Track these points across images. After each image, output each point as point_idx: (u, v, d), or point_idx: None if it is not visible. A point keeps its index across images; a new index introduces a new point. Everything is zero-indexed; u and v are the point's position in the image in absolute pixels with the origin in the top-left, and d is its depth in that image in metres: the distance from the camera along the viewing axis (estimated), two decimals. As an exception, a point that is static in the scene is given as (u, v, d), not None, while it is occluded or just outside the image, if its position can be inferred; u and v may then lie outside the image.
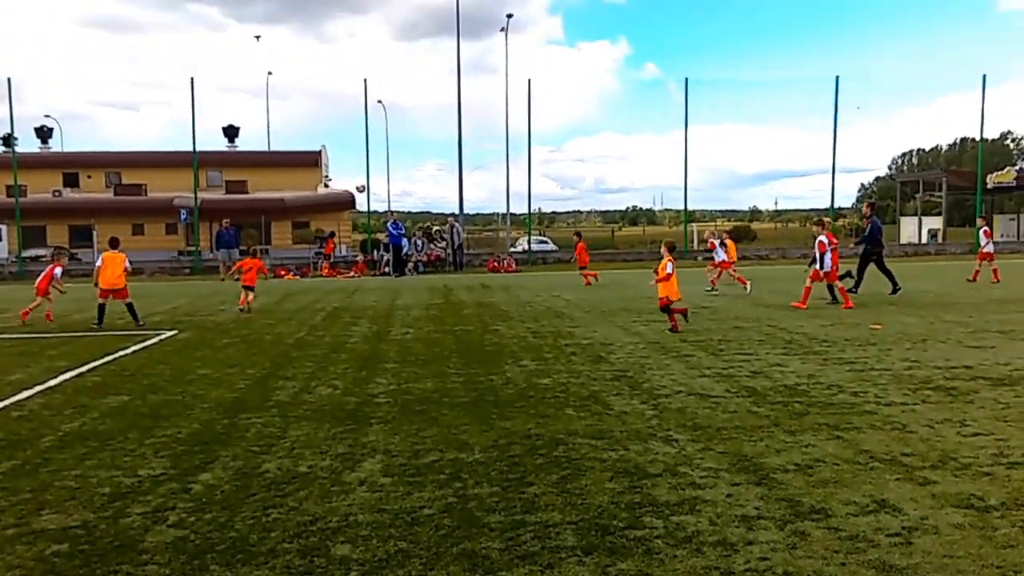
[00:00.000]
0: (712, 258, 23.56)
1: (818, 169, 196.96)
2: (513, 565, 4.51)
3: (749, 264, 35.34)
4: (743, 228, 66.46)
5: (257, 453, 6.86)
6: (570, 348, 12.30)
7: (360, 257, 37.41)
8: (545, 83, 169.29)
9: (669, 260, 14.14)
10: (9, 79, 38.40)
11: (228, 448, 7.03)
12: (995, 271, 23.50)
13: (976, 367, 10.23)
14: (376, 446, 7.04)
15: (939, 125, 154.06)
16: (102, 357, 12.27)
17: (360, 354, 12.12)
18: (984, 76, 41.84)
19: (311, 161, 62.89)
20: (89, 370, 11.20)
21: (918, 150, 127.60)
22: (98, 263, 16.64)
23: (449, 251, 36.34)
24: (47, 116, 72.05)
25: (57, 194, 57.74)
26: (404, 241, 34.89)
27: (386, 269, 34.55)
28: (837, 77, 40.73)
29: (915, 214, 64.79)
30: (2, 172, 58.59)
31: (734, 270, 23.06)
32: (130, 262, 17.14)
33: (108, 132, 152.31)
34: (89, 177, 63.45)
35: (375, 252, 37.26)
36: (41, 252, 52.39)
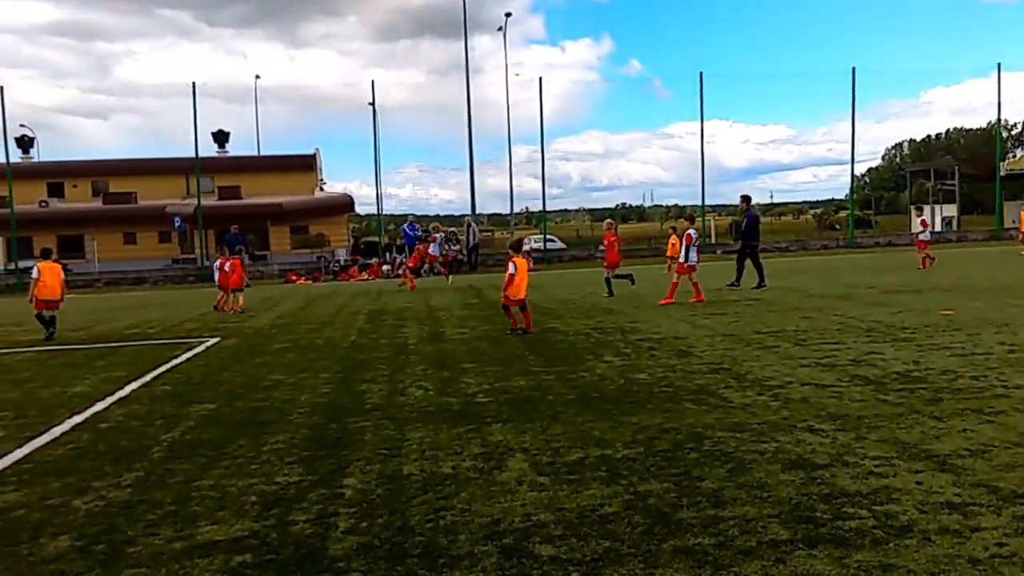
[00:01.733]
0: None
1: (806, 162, 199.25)
2: (739, 561, 4.39)
3: (769, 256, 35.31)
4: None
5: (388, 456, 6.72)
6: (645, 343, 12.18)
7: (374, 260, 37.19)
8: (529, 82, 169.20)
9: (513, 260, 13.70)
10: (1, 87, 37.95)
11: (354, 452, 6.89)
12: (930, 256, 25.83)
13: (1083, 349, 10.15)
14: (510, 445, 6.90)
15: (926, 116, 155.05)
16: (157, 366, 12.10)
17: (429, 356, 11.98)
18: (999, 64, 42.22)
19: (306, 164, 62.64)
20: (153, 379, 11.01)
21: (909, 141, 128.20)
22: (34, 275, 16.34)
23: (464, 251, 36.19)
24: (22, 126, 71.32)
25: (44, 204, 57.26)
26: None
27: (400, 271, 34.38)
28: (854, 68, 40.94)
29: (927, 202, 64.89)
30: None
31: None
32: (126, 271, 17.17)
33: (73, 141, 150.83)
34: (75, 186, 63.02)
35: (387, 255, 37.07)
36: (30, 263, 52.00)
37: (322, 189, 65.65)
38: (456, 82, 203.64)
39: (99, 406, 9.38)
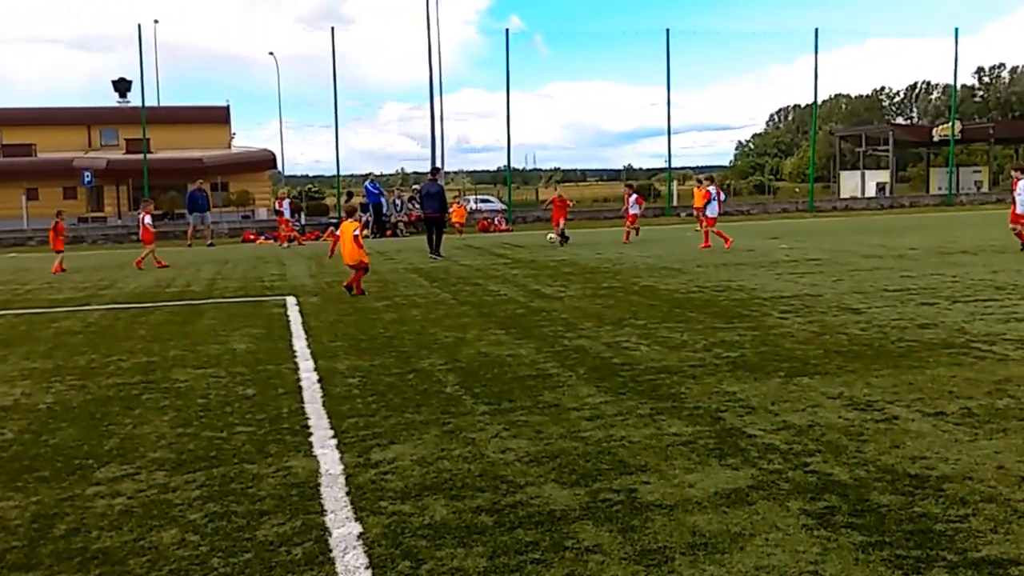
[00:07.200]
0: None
1: (687, 127, 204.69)
2: None
3: (733, 219, 36.24)
4: (645, 186, 66.59)
5: (749, 410, 6.80)
6: (787, 301, 12.53)
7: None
8: (401, 36, 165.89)
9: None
10: None
11: (702, 408, 6.89)
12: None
13: None
14: (856, 396, 7.05)
15: (805, 82, 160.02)
16: (284, 323, 11.93)
17: (571, 313, 12.16)
18: (956, 29, 44.07)
19: (220, 117, 60.86)
20: (308, 336, 10.74)
21: (794, 106, 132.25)
22: None
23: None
24: None
25: (-67, 156, 54.01)
26: (383, 201, 34.37)
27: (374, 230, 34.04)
28: (816, 29, 41.99)
29: (856, 168, 67.20)
30: None
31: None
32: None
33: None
34: (-42, 137, 59.51)
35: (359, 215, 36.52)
36: None
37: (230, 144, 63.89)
38: (323, 32, 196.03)
39: (306, 363, 9.11)
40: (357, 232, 14.13)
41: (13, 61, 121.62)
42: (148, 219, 23.25)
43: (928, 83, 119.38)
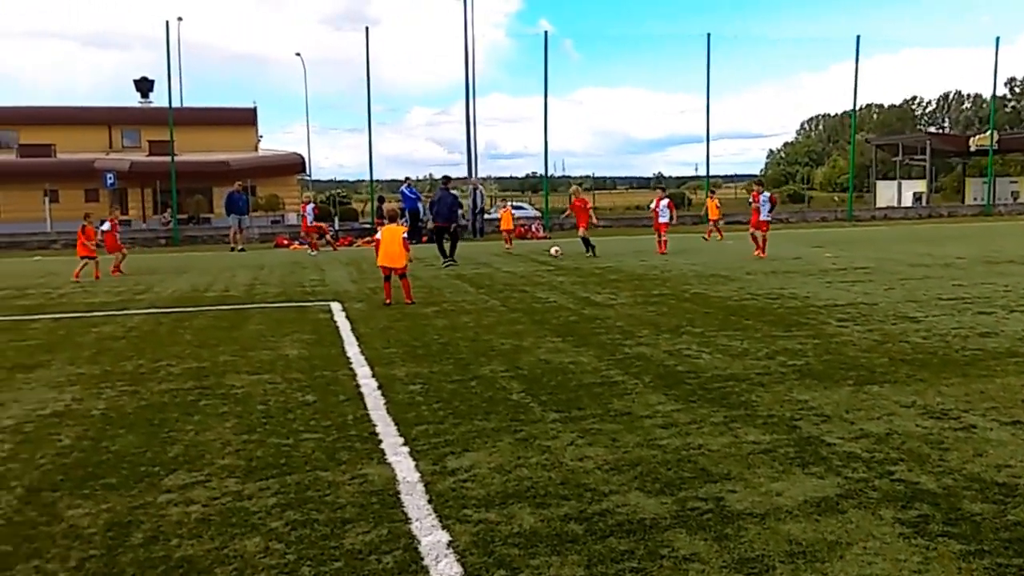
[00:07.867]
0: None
1: (717, 135, 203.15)
2: None
3: (772, 227, 35.99)
4: (678, 195, 66.34)
5: (823, 418, 6.83)
6: (843, 309, 12.60)
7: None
8: (428, 38, 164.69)
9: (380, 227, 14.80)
10: None
11: (778, 416, 6.91)
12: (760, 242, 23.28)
13: None
14: (928, 404, 7.11)
15: (837, 91, 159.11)
16: (334, 329, 12.07)
17: (626, 319, 12.21)
18: (997, 38, 43.89)
19: (247, 119, 61.20)
20: (360, 342, 10.81)
21: (824, 115, 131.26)
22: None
23: (469, 217, 35.91)
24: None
25: (-46, 157, 54.59)
26: (420, 206, 34.41)
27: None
28: (858, 36, 41.89)
29: (894, 178, 66.90)
30: None
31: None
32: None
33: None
34: (-26, 137, 60.01)
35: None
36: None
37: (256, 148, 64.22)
38: (350, 34, 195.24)
39: (363, 369, 9.18)
40: (406, 235, 14.15)
41: (26, 59, 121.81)
42: (106, 225, 23.10)
43: (960, 93, 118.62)
